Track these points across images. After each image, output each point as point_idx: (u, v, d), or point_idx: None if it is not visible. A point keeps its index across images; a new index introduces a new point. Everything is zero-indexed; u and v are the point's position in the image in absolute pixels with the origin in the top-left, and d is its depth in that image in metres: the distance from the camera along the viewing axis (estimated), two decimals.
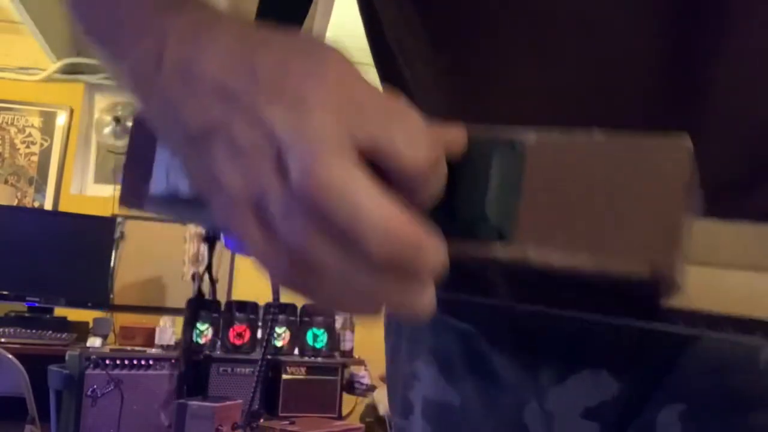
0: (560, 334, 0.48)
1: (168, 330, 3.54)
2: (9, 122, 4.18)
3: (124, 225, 4.08)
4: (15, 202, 4.05)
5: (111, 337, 3.61)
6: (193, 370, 3.14)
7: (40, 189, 4.15)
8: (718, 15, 0.38)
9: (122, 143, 4.31)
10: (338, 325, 3.68)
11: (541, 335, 0.50)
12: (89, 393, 2.75)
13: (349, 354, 3.69)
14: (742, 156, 0.41)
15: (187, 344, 3.37)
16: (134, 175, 0.46)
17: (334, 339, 3.58)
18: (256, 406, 3.08)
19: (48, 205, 4.13)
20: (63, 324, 3.47)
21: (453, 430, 0.58)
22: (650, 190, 0.31)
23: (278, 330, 3.42)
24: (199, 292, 3.32)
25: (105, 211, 4.10)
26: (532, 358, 0.51)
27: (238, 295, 4.09)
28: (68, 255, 3.67)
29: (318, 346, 3.49)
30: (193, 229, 3.95)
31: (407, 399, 0.66)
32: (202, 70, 0.33)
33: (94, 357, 2.81)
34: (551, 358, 0.50)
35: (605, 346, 0.47)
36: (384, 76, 0.57)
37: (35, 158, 4.17)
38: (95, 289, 3.70)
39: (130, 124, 4.31)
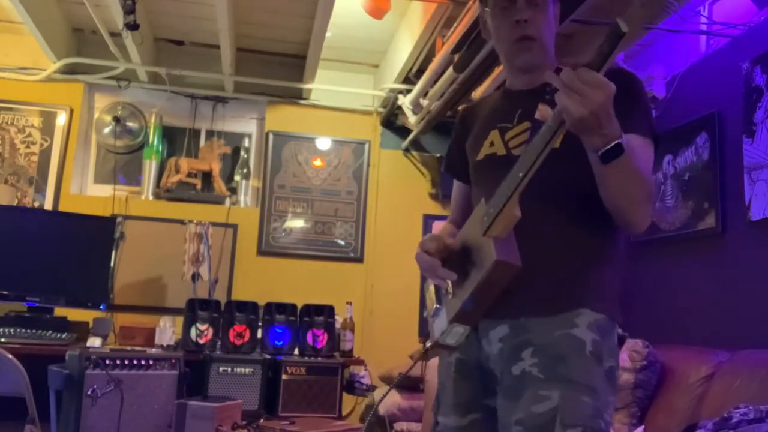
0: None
1: (168, 330, 3.54)
2: (9, 122, 4.18)
3: (124, 225, 4.08)
4: (15, 202, 4.05)
5: (111, 337, 3.61)
6: (193, 370, 3.14)
7: (40, 189, 4.15)
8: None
9: (122, 143, 4.31)
10: (338, 325, 3.68)
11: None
12: (89, 393, 2.75)
13: (349, 354, 3.69)
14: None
15: (187, 344, 3.38)
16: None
17: (334, 339, 3.58)
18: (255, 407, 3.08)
19: (48, 205, 4.13)
20: (63, 324, 3.47)
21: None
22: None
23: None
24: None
25: (105, 211, 4.11)
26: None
27: (238, 295, 4.10)
28: (68, 255, 3.67)
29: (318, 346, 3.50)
30: (193, 229, 3.96)
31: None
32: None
33: (94, 357, 2.81)
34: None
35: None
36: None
37: (35, 158, 4.17)
38: (95, 289, 3.70)
39: (130, 124, 4.32)
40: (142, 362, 2.92)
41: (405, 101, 4.13)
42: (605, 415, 1.26)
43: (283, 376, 3.28)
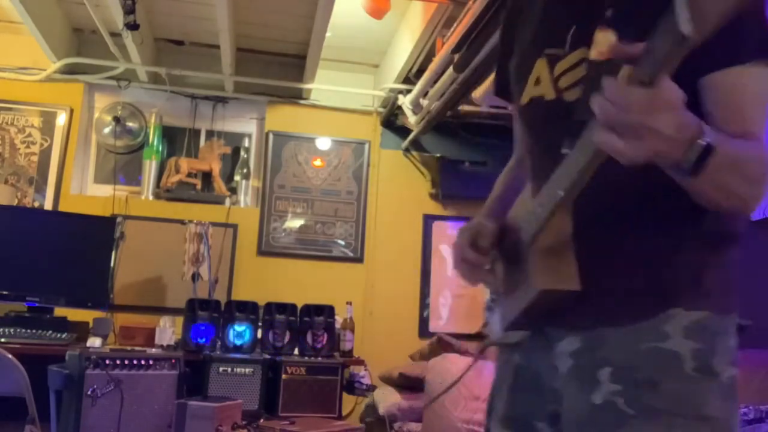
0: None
1: (168, 330, 3.54)
2: (9, 122, 4.18)
3: (124, 225, 4.08)
4: (15, 202, 4.05)
5: (111, 337, 3.61)
6: (193, 370, 3.14)
7: (40, 189, 4.15)
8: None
9: (122, 143, 4.31)
10: (338, 325, 3.68)
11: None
12: (89, 393, 2.75)
13: (349, 354, 3.69)
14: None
15: (187, 344, 3.38)
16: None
17: (334, 339, 3.58)
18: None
19: (48, 205, 4.13)
20: (63, 324, 3.47)
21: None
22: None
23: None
24: None
25: (105, 211, 4.11)
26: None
27: (238, 295, 4.10)
28: (68, 255, 3.66)
29: (317, 346, 3.50)
30: (193, 229, 3.95)
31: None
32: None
33: (94, 357, 2.81)
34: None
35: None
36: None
37: (35, 158, 4.17)
38: (95, 289, 3.70)
39: (130, 124, 4.33)
40: (142, 362, 2.92)
41: (405, 101, 4.13)
42: None
43: (283, 376, 3.28)
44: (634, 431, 0.92)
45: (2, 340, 3.17)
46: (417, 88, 3.88)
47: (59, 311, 3.59)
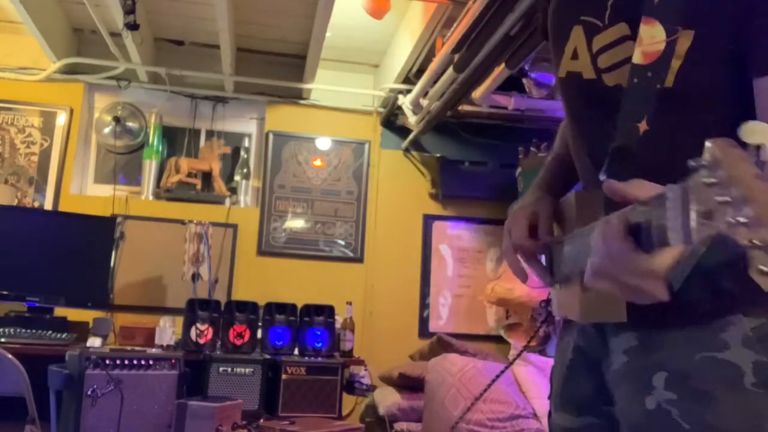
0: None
1: (168, 330, 3.54)
2: (9, 122, 4.18)
3: (124, 225, 4.08)
4: (15, 202, 4.05)
5: (111, 337, 3.61)
6: (193, 370, 3.14)
7: (40, 189, 4.15)
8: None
9: (122, 143, 4.31)
10: (338, 325, 3.68)
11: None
12: (89, 393, 2.75)
13: (349, 354, 3.69)
14: None
15: (187, 344, 3.38)
16: None
17: (334, 339, 3.58)
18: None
19: (48, 205, 4.13)
20: (63, 324, 3.47)
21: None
22: None
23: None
24: None
25: (105, 211, 4.11)
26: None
27: (238, 295, 4.10)
28: (68, 255, 3.67)
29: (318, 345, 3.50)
30: (193, 229, 3.96)
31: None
32: None
33: (94, 357, 2.81)
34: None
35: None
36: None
37: (35, 158, 4.17)
38: (95, 289, 3.70)
39: (130, 124, 4.33)
40: (142, 362, 2.91)
41: (405, 101, 4.13)
42: None
43: (283, 376, 3.27)
44: None
45: (2, 340, 3.17)
46: (417, 88, 3.89)
47: (59, 311, 3.59)
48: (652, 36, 0.87)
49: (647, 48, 0.87)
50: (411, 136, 4.42)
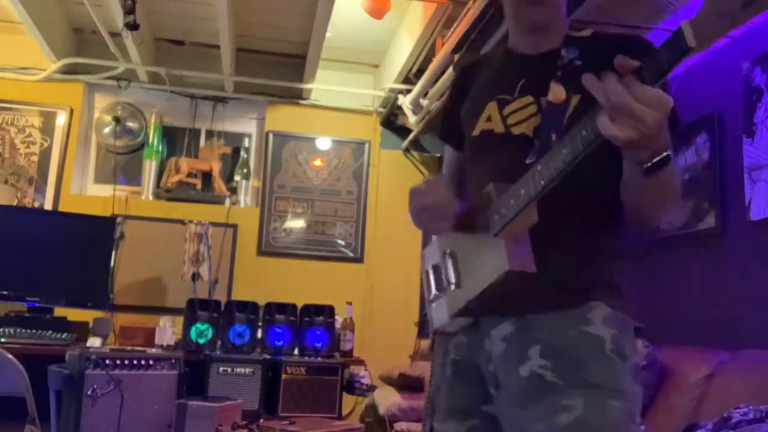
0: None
1: (168, 330, 3.54)
2: (9, 122, 4.18)
3: (124, 225, 4.08)
4: (15, 202, 4.05)
5: (111, 337, 3.61)
6: (193, 370, 3.14)
7: (40, 189, 4.16)
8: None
9: (122, 143, 4.31)
10: (338, 325, 3.68)
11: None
12: (89, 393, 2.75)
13: (349, 354, 3.69)
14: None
15: (187, 344, 3.38)
16: None
17: (334, 339, 3.58)
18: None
19: (48, 205, 4.13)
20: (63, 324, 3.47)
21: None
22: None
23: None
24: None
25: (105, 211, 4.11)
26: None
27: (238, 295, 4.10)
28: (68, 255, 3.67)
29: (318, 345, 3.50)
30: (193, 229, 3.96)
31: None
32: None
33: (94, 357, 2.81)
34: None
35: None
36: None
37: (35, 158, 4.18)
38: (95, 289, 3.70)
39: (130, 124, 4.33)
40: (142, 362, 2.92)
41: (405, 101, 4.13)
42: (636, 417, 1.15)
43: (283, 376, 3.28)
44: (562, 397, 1.11)
45: (2, 340, 3.17)
46: (417, 88, 3.89)
47: (59, 311, 3.59)
48: (560, 93, 1.21)
49: (557, 95, 1.21)
50: (411, 136, 4.42)
